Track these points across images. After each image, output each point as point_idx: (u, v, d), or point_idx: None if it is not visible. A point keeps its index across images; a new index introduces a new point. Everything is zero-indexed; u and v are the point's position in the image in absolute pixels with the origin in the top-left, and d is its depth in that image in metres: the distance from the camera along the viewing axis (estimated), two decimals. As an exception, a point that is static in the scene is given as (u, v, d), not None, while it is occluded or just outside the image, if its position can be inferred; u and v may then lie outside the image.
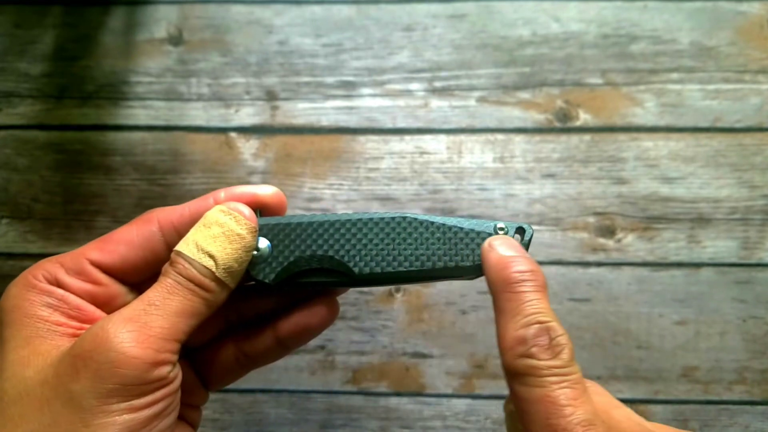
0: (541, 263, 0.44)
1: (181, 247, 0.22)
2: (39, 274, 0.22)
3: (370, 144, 0.48)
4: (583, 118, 0.48)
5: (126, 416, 0.18)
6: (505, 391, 0.46)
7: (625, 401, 0.26)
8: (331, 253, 0.24)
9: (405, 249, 0.24)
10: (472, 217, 0.36)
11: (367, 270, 0.24)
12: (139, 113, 0.49)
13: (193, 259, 0.21)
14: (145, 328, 0.19)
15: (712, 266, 0.46)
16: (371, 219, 0.24)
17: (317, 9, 0.50)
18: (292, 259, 0.24)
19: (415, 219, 0.25)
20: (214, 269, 0.21)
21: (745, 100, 0.47)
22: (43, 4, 0.50)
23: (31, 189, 0.49)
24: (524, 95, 0.48)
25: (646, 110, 0.48)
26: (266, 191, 0.24)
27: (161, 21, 0.50)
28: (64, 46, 0.50)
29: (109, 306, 0.23)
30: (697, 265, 0.46)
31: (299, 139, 0.48)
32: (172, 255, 0.22)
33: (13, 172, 0.49)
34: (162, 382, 0.20)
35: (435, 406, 0.45)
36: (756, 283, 0.46)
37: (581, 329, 0.45)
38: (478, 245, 0.24)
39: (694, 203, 0.46)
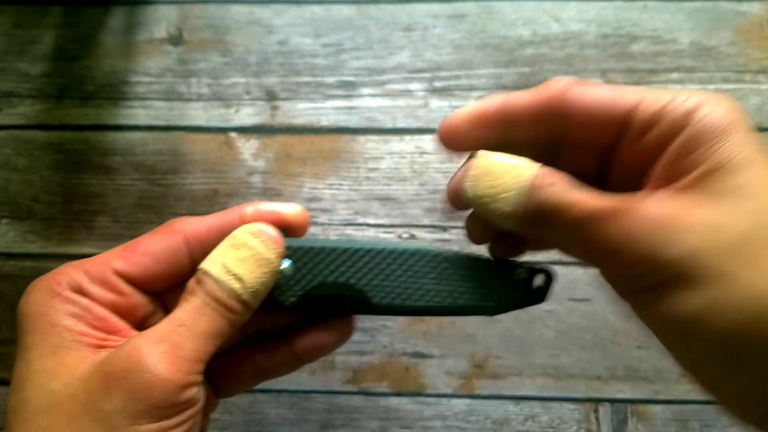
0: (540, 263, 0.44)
1: (209, 266, 0.21)
2: (62, 281, 0.21)
3: (370, 144, 0.48)
4: (583, 118, 0.48)
5: None
6: (506, 391, 0.46)
7: (625, 401, 0.26)
8: (352, 281, 0.24)
9: (426, 283, 0.24)
10: None
11: (385, 301, 0.24)
12: (139, 113, 0.49)
13: (222, 281, 0.21)
14: (176, 350, 0.20)
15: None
16: (395, 250, 0.24)
17: (317, 9, 0.50)
18: (314, 283, 0.24)
19: (440, 254, 0.24)
20: (241, 292, 0.21)
21: (745, 100, 0.47)
22: (43, 4, 0.50)
23: (31, 189, 0.49)
24: (524, 95, 0.48)
25: (646, 110, 0.48)
26: (292, 210, 0.24)
27: (161, 21, 0.50)
28: (64, 46, 0.50)
29: (131, 316, 0.23)
30: (697, 265, 0.46)
31: (299, 139, 0.48)
32: (199, 273, 0.22)
33: (13, 172, 0.49)
34: (190, 403, 0.20)
35: (435, 406, 0.45)
36: (756, 283, 0.46)
37: (581, 329, 0.45)
38: (498, 286, 0.24)
39: (694, 203, 0.46)
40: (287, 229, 0.24)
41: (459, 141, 0.22)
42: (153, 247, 0.23)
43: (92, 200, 0.48)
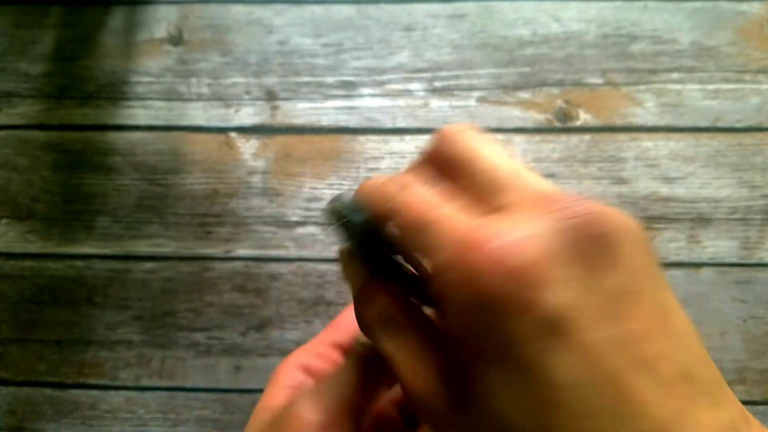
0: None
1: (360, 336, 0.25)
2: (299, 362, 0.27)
3: (370, 144, 0.48)
4: (583, 118, 0.48)
5: None
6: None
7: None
8: None
9: None
10: None
11: None
12: (139, 113, 0.49)
13: (362, 343, 0.24)
14: (319, 397, 0.23)
15: (712, 266, 0.46)
16: None
17: (317, 9, 0.50)
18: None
19: None
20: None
21: (745, 100, 0.47)
22: (43, 4, 0.50)
23: (31, 189, 0.49)
24: (524, 95, 0.48)
25: (646, 110, 0.48)
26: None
27: (161, 21, 0.50)
28: (64, 46, 0.50)
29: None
30: (697, 265, 0.46)
31: (299, 139, 0.48)
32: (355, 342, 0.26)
33: (13, 172, 0.49)
34: None
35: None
36: (756, 283, 0.46)
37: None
38: None
39: (694, 203, 0.46)
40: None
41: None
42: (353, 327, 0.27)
43: (92, 200, 0.48)
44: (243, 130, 0.49)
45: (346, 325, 0.27)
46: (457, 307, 0.15)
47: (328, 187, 0.48)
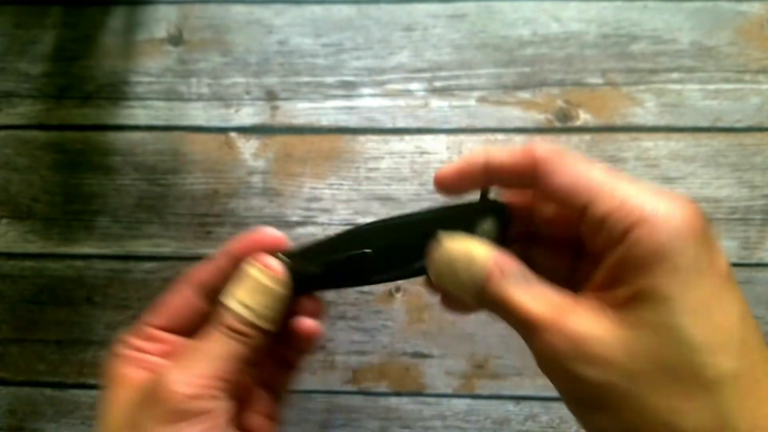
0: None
1: (225, 299, 0.26)
2: (121, 345, 0.28)
3: (370, 144, 0.48)
4: (584, 118, 0.48)
5: None
6: (506, 391, 0.46)
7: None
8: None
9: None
10: None
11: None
12: (139, 113, 0.49)
13: (234, 311, 0.26)
14: (188, 370, 0.25)
15: (712, 266, 0.46)
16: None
17: (317, 9, 0.50)
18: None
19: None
20: (250, 318, 0.26)
21: (745, 100, 0.47)
22: (43, 4, 0.50)
23: (31, 189, 0.49)
24: (524, 95, 0.48)
25: (646, 110, 0.48)
26: (268, 237, 0.28)
27: (161, 21, 0.50)
28: (64, 46, 0.50)
29: (175, 355, 0.28)
30: (697, 265, 0.46)
31: (299, 139, 0.48)
32: (219, 306, 0.26)
33: (13, 172, 0.49)
34: (202, 411, 0.24)
35: (435, 406, 0.45)
36: (756, 283, 0.46)
37: (581, 329, 0.45)
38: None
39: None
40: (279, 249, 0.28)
41: (449, 188, 0.25)
42: (171, 304, 0.29)
43: (92, 200, 0.48)
44: (243, 130, 0.49)
45: (164, 313, 0.29)
46: (674, 230, 0.19)
47: (328, 187, 0.48)
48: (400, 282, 0.46)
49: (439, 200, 0.26)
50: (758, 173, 0.47)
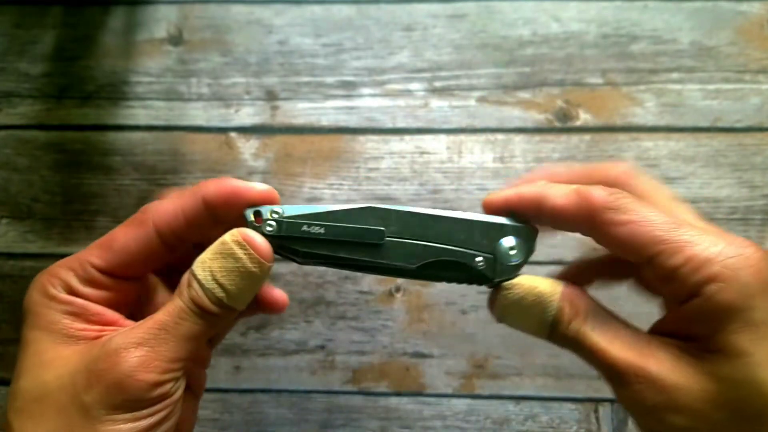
0: (541, 263, 0.44)
1: (197, 270, 0.23)
2: (56, 284, 0.23)
3: (370, 144, 0.48)
4: (584, 117, 0.48)
5: (130, 425, 0.21)
6: (506, 391, 0.46)
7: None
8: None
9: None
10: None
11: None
12: (139, 113, 0.49)
13: (207, 288, 0.22)
14: (153, 353, 0.22)
15: (712, 266, 0.46)
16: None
17: (317, 9, 0.50)
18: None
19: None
20: (225, 300, 0.22)
21: (745, 100, 0.47)
22: (43, 4, 0.50)
23: (31, 189, 0.49)
24: (524, 95, 0.48)
25: (646, 110, 0.48)
26: (256, 191, 0.24)
27: (161, 21, 0.50)
28: (64, 46, 0.50)
29: (123, 305, 0.25)
30: (697, 265, 0.46)
31: (299, 139, 0.48)
32: (188, 276, 0.23)
33: (13, 172, 0.49)
34: (163, 397, 0.22)
35: (435, 406, 0.45)
36: (756, 283, 0.46)
37: (581, 329, 0.45)
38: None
39: (694, 203, 0.46)
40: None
41: (498, 212, 0.25)
42: (126, 241, 0.24)
43: (92, 200, 0.48)
44: (243, 130, 0.49)
45: (115, 251, 0.24)
46: (745, 286, 0.20)
47: (328, 187, 0.48)
48: (400, 282, 0.46)
49: (440, 200, 0.26)
50: (758, 173, 0.47)
